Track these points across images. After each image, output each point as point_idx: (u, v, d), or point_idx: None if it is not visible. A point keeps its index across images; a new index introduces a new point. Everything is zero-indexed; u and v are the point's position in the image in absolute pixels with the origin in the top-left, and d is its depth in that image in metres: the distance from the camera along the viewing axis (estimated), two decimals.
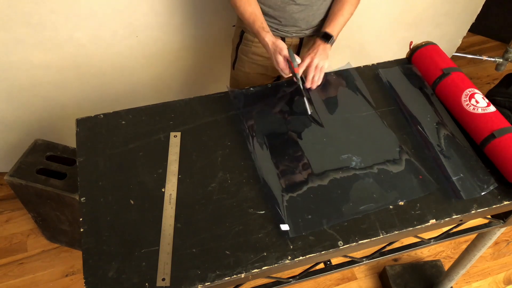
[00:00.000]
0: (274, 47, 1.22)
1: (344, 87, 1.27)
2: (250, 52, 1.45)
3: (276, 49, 1.22)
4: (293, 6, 1.31)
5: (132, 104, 1.23)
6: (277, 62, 1.23)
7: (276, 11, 1.33)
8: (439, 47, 1.30)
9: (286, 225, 0.97)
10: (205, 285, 0.88)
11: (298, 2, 1.31)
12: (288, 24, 1.36)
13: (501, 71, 2.44)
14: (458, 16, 2.22)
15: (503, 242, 1.96)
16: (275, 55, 1.22)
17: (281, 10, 1.32)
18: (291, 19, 1.34)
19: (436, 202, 1.03)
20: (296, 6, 1.31)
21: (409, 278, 1.76)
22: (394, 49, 2.16)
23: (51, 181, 1.53)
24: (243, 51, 1.47)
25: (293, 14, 1.33)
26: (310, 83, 1.24)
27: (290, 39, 1.40)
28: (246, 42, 1.44)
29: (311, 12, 1.34)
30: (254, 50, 1.44)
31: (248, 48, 1.45)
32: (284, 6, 1.31)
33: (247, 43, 1.44)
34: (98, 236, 0.94)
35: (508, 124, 1.09)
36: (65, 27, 1.52)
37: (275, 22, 1.36)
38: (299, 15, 1.34)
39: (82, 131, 1.13)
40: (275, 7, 1.32)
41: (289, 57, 1.20)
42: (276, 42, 1.22)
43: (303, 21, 1.36)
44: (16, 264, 1.78)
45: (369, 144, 1.13)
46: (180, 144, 1.12)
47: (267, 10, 1.33)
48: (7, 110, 1.72)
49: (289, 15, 1.33)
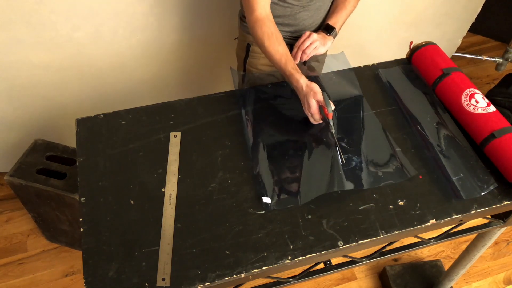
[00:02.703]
0: (308, 90, 1.12)
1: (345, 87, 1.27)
2: (259, 64, 1.41)
3: (310, 93, 1.11)
4: (303, 13, 1.30)
5: (132, 104, 1.23)
6: (309, 105, 1.12)
7: (286, 19, 1.32)
8: (439, 47, 1.30)
9: (268, 198, 1.00)
10: (205, 285, 0.88)
11: (308, 9, 1.30)
12: (298, 30, 1.35)
13: (501, 71, 2.44)
14: (458, 16, 2.22)
15: (503, 242, 1.96)
16: (308, 98, 1.12)
17: (292, 18, 1.31)
18: (301, 25, 1.34)
19: (436, 202, 1.03)
20: (306, 12, 1.31)
21: (409, 278, 1.76)
22: (394, 49, 2.16)
23: (51, 181, 1.53)
24: (251, 64, 1.43)
25: (303, 21, 1.33)
26: (297, 49, 1.24)
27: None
28: (253, 55, 1.40)
29: (319, 16, 1.35)
30: (263, 62, 1.40)
31: (256, 60, 1.41)
32: (295, 14, 1.30)
33: (254, 56, 1.40)
34: (98, 236, 0.94)
35: (508, 124, 1.09)
36: (65, 27, 1.52)
37: (285, 31, 1.34)
38: (308, 20, 1.33)
39: (82, 131, 1.13)
40: (285, 16, 1.31)
41: (323, 101, 1.10)
42: (310, 85, 1.12)
43: (312, 25, 1.36)
44: (16, 264, 1.78)
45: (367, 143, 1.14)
46: (180, 144, 1.12)
47: (278, 20, 1.29)
48: (7, 110, 1.72)
49: (300, 21, 1.32)
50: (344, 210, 1.01)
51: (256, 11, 1.18)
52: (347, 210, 1.01)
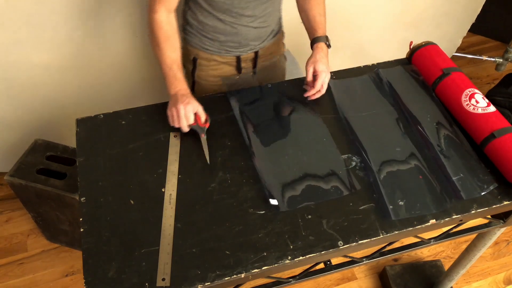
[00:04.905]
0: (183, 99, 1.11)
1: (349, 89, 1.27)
2: (208, 75, 1.37)
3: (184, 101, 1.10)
4: (249, 28, 1.25)
5: (132, 104, 1.23)
6: (178, 112, 1.10)
7: (229, 36, 1.26)
8: (439, 47, 1.30)
9: (275, 200, 1.00)
10: (205, 285, 0.88)
11: (254, 26, 1.25)
12: (241, 46, 1.30)
13: (501, 71, 2.44)
14: (458, 16, 2.22)
15: (503, 242, 1.96)
16: (178, 105, 1.10)
17: (233, 35, 1.26)
18: (245, 40, 1.29)
19: (436, 202, 1.03)
20: (252, 29, 1.26)
21: (409, 278, 1.76)
22: (394, 49, 2.15)
23: (51, 181, 1.53)
24: (200, 77, 1.37)
25: (248, 36, 1.28)
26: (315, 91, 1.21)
27: (245, 55, 1.34)
28: (201, 67, 1.35)
29: (265, 30, 1.30)
30: (211, 73, 1.36)
31: (205, 72, 1.37)
32: (237, 32, 1.25)
33: (202, 68, 1.35)
34: (98, 236, 0.94)
35: (508, 124, 1.09)
36: (65, 27, 1.52)
37: (228, 45, 1.29)
38: (253, 36, 1.29)
39: (82, 131, 1.13)
40: (226, 33, 1.25)
41: (200, 111, 1.12)
42: (188, 95, 1.12)
43: (258, 40, 1.32)
44: (16, 264, 1.78)
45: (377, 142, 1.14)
46: (180, 144, 1.12)
47: (218, 36, 1.26)
48: (7, 110, 1.72)
49: (243, 37, 1.28)
50: (344, 210, 1.01)
51: (156, 13, 1.13)
52: (347, 210, 1.01)
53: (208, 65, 1.33)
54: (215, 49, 1.30)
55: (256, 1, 1.19)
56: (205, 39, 1.28)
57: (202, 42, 1.29)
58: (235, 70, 1.36)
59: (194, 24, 1.26)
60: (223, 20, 1.21)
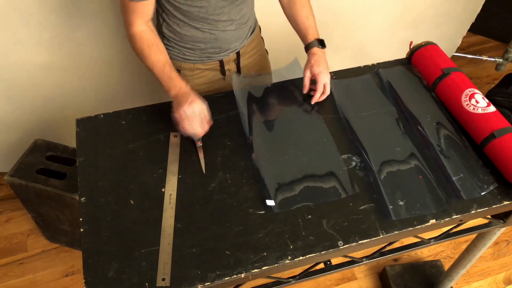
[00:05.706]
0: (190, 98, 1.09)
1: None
2: (194, 84, 1.34)
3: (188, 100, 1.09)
4: (228, 32, 1.24)
5: (132, 104, 1.23)
6: (185, 112, 1.07)
7: (209, 43, 1.24)
8: (439, 47, 1.30)
9: (272, 200, 1.00)
10: (205, 285, 0.88)
11: (232, 29, 1.24)
12: (222, 50, 1.29)
13: (501, 71, 2.44)
14: (458, 16, 2.22)
15: (503, 242, 1.96)
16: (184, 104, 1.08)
17: (213, 41, 1.24)
18: (225, 44, 1.27)
19: (436, 202, 1.03)
20: (231, 31, 1.25)
21: (409, 278, 1.76)
22: (394, 49, 2.16)
23: (51, 181, 1.54)
24: None
25: (228, 39, 1.27)
26: (320, 94, 1.20)
27: (227, 57, 1.32)
28: (186, 78, 1.30)
29: (243, 30, 1.29)
30: (197, 82, 1.34)
31: (190, 82, 1.31)
32: (216, 37, 1.23)
33: (187, 79, 1.31)
34: (98, 236, 0.94)
35: (508, 124, 1.09)
36: (65, 27, 1.52)
37: (209, 52, 1.28)
38: (233, 38, 1.28)
39: (82, 131, 1.13)
40: (206, 41, 1.24)
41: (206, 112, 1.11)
42: (192, 94, 1.10)
43: (238, 41, 1.30)
44: (16, 264, 1.78)
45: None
46: (180, 144, 1.12)
47: (198, 45, 1.24)
48: (7, 110, 1.72)
49: (224, 42, 1.26)
50: (344, 210, 1.01)
51: (134, 26, 1.12)
52: (347, 210, 1.01)
53: (192, 75, 1.32)
54: (196, 58, 1.28)
55: (230, 5, 1.18)
56: (184, 50, 1.26)
57: (182, 54, 1.27)
58: (220, 74, 1.35)
59: (171, 37, 1.24)
60: (200, 29, 1.20)
